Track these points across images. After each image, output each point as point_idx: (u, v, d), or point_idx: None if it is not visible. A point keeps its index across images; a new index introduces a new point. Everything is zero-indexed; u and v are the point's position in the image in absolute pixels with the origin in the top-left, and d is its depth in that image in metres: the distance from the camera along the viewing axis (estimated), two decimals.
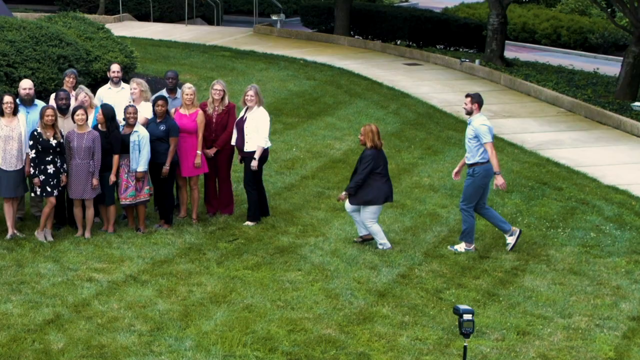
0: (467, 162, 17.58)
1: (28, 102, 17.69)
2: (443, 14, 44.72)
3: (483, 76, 32.87)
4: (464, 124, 24.35)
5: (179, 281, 15.82)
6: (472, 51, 38.21)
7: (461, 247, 17.58)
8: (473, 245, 17.50)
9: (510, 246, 17.46)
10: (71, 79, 18.61)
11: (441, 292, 15.74)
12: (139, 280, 15.80)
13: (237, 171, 19.70)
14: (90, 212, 17.36)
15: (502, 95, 30.80)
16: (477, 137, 17.24)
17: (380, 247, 17.20)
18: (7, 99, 16.99)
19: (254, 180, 18.38)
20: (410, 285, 15.99)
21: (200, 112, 18.06)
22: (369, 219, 17.11)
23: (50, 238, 17.20)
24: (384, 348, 13.58)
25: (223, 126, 18.44)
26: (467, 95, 17.74)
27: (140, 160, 17.29)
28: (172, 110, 18.17)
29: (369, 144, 17.01)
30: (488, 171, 17.25)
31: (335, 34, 40.19)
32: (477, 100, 17.45)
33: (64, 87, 18.47)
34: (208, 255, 16.80)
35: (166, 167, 17.60)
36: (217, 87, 18.31)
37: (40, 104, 17.70)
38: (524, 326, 14.47)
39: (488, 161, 17.20)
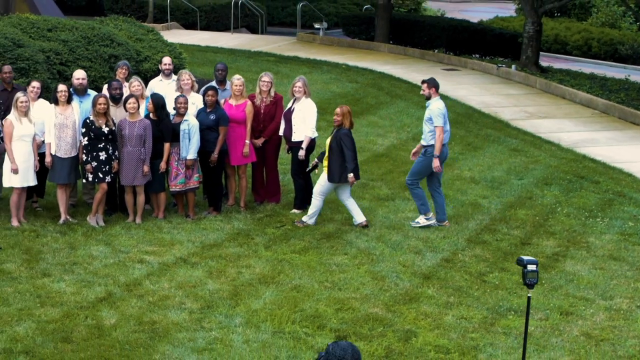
0: (422, 143, 17.36)
1: (81, 92, 17.52)
2: (479, 24, 44.34)
3: (519, 81, 32.62)
4: (502, 124, 24.30)
5: (228, 263, 15.56)
6: (506, 60, 37.67)
7: (421, 219, 17.55)
8: (432, 214, 17.51)
9: (414, 223, 17.59)
10: (123, 70, 18.40)
11: (484, 275, 15.47)
12: (189, 262, 15.53)
13: (283, 163, 19.22)
14: (141, 198, 17.08)
15: (537, 98, 30.57)
16: (431, 119, 16.98)
17: (357, 222, 17.37)
18: (62, 87, 16.81)
19: (300, 169, 18.07)
20: (454, 268, 15.71)
21: (249, 102, 17.75)
22: (346, 195, 17.31)
23: (102, 223, 16.90)
24: (430, 326, 13.28)
25: (271, 117, 18.18)
26: (423, 82, 17.62)
27: (190, 148, 16.97)
28: (222, 101, 17.89)
29: (347, 124, 17.02)
30: (441, 154, 17.09)
31: (375, 42, 39.70)
32: (433, 84, 17.34)
33: (117, 77, 17.98)
34: (256, 240, 16.47)
35: (214, 155, 17.31)
36: (265, 79, 18.05)
37: (92, 93, 17.54)
38: (567, 307, 14.18)
39: (442, 145, 16.99)
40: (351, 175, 16.97)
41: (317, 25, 44.36)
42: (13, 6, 24.94)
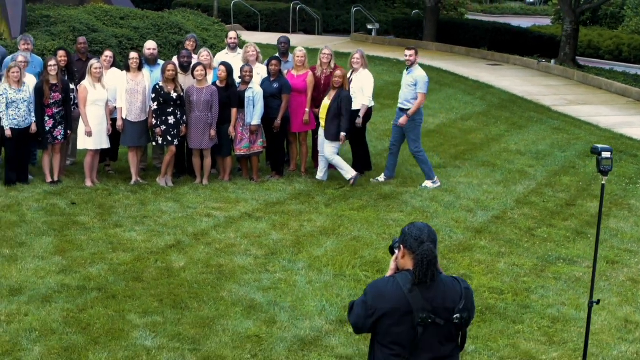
0: (402, 107, 16.95)
1: (152, 62, 17.13)
2: (520, 27, 43.91)
3: (558, 74, 32.41)
4: (544, 108, 23.82)
5: (290, 218, 15.17)
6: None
7: (429, 184, 17.23)
8: (437, 178, 17.28)
9: (422, 187, 17.33)
10: (192, 42, 18.17)
11: (533, 230, 15.06)
12: (253, 216, 15.20)
13: None
14: (207, 161, 16.64)
15: (575, 88, 30.21)
16: (416, 84, 16.72)
17: (348, 177, 16.98)
18: (133, 54, 16.52)
19: (358, 136, 17.70)
20: (505, 224, 15.29)
21: (310, 73, 17.36)
22: (333, 153, 16.79)
23: (170, 184, 16.47)
24: (484, 271, 12.93)
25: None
26: (409, 49, 17.34)
27: (254, 114, 16.55)
28: (285, 72, 17.36)
29: (346, 87, 16.84)
30: (420, 114, 17.08)
31: (424, 41, 39.34)
32: (417, 53, 17.08)
33: (186, 49, 17.58)
34: (317, 199, 16.08)
35: (277, 122, 16.89)
36: (326, 51, 17.64)
37: (162, 63, 16.78)
38: (613, 257, 13.82)
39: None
40: (343, 134, 16.66)
41: (369, 26, 44.33)
42: None
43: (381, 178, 17.18)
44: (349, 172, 16.97)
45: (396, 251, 6.05)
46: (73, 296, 11.74)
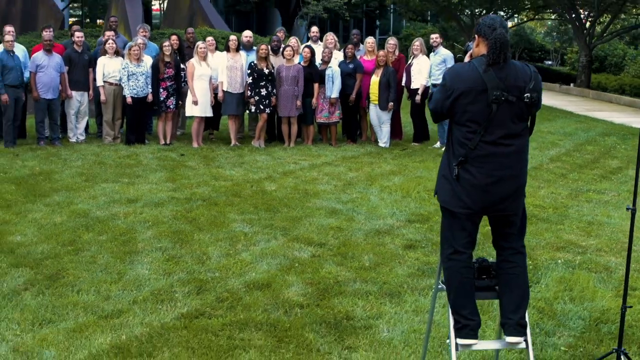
0: (434, 83, 16.24)
1: (248, 47, 16.89)
2: (543, 65, 43.27)
3: (576, 94, 32.23)
4: (567, 112, 23.07)
5: (363, 165, 14.82)
6: None
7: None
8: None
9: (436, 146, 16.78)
10: (281, 33, 17.77)
11: (566, 175, 14.57)
12: (332, 164, 14.84)
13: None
14: (294, 127, 16.25)
15: (591, 102, 29.67)
16: (445, 61, 16.34)
17: (381, 144, 16.76)
18: (233, 37, 16.40)
19: (418, 111, 16.80)
20: (542, 171, 14.88)
21: (377, 58, 16.53)
22: (386, 121, 16.50)
23: (262, 145, 16.19)
24: (528, 195, 12.15)
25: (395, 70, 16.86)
26: (434, 34, 17.15)
27: (333, 89, 16.16)
28: (358, 57, 16.68)
29: (390, 63, 16.42)
30: None
31: None
32: (442, 36, 16.62)
33: (277, 35, 17.30)
34: (385, 155, 15.74)
35: (352, 96, 16.25)
36: (391, 42, 17.30)
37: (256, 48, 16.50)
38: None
39: None
40: (391, 103, 16.21)
41: None
42: (196, 22, 24.35)
43: (437, 145, 16.42)
44: (382, 140, 16.65)
45: (470, 49, 5.47)
46: (181, 203, 11.42)
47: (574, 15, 32.03)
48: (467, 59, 5.60)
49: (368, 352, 6.49)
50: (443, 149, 15.42)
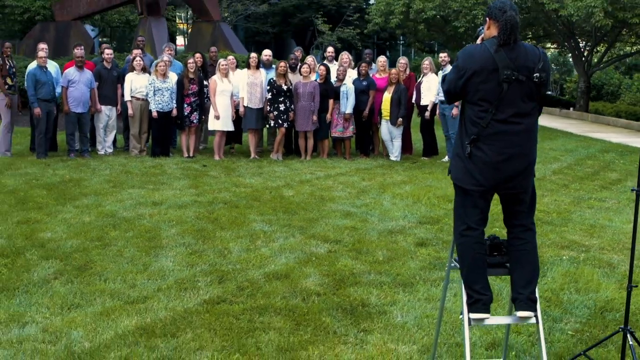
0: (442, 99, 15.85)
1: (267, 65, 16.96)
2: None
3: (575, 117, 32.03)
4: (567, 132, 22.78)
5: (375, 175, 14.73)
6: None
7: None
8: None
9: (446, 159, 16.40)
10: (299, 52, 17.76)
11: (568, 185, 14.30)
12: (346, 174, 14.78)
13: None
14: (310, 141, 16.23)
15: (589, 124, 29.51)
16: None
17: (392, 158, 16.48)
18: (253, 54, 16.51)
19: (427, 127, 16.73)
20: (545, 182, 14.62)
21: (390, 76, 16.50)
22: (397, 136, 16.27)
23: (280, 158, 16.12)
24: None
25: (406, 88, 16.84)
26: (443, 52, 17.08)
27: (347, 105, 16.02)
28: (370, 75, 16.64)
29: (402, 81, 16.29)
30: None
31: None
32: (450, 56, 16.52)
33: (294, 53, 17.30)
34: (396, 167, 15.69)
35: (365, 112, 16.19)
36: (402, 61, 17.27)
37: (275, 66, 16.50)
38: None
39: None
40: (400, 119, 16.02)
41: None
42: (218, 48, 24.33)
43: (446, 159, 16.32)
44: (394, 154, 16.46)
45: (481, 34, 5.39)
46: (204, 205, 11.37)
47: (573, 44, 31.95)
48: (478, 42, 5.52)
49: (383, 334, 6.39)
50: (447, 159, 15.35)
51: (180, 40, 50.98)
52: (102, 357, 5.87)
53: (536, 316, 5.20)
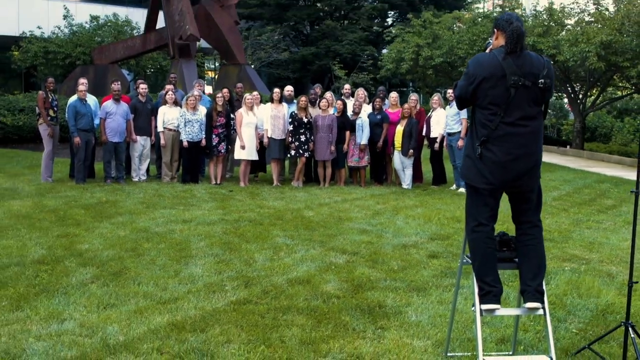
0: (450, 132, 16.03)
1: (289, 100, 16.97)
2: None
3: (572, 154, 31.54)
4: (565, 166, 22.57)
5: (388, 200, 14.61)
6: None
7: (462, 189, 15.85)
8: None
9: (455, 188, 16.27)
10: (318, 89, 17.79)
11: (567, 210, 14.03)
12: (362, 199, 14.68)
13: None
14: (328, 170, 16.25)
15: (585, 160, 29.19)
16: (459, 113, 15.74)
17: (404, 185, 16.31)
18: (276, 90, 16.52)
19: (437, 157, 16.64)
20: (545, 207, 14.34)
21: (403, 110, 16.46)
22: (408, 166, 16.13)
23: (301, 185, 16.11)
24: None
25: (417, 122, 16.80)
26: (451, 89, 16.65)
27: (362, 136, 15.98)
28: (384, 110, 16.61)
29: (414, 115, 16.34)
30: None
31: None
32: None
33: (314, 89, 17.31)
34: (408, 194, 15.62)
35: (379, 144, 16.16)
36: (413, 97, 17.24)
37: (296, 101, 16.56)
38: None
39: None
40: (411, 150, 15.96)
41: None
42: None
43: (454, 187, 16.22)
44: (406, 182, 16.34)
45: (489, 46, 5.36)
46: (230, 223, 11.31)
47: (569, 88, 31.92)
48: (487, 52, 5.49)
49: (399, 330, 6.30)
50: (459, 190, 15.24)
51: (208, 89, 51.29)
52: (135, 348, 5.78)
53: (544, 307, 5.11)
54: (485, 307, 5.10)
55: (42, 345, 5.81)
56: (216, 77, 39.64)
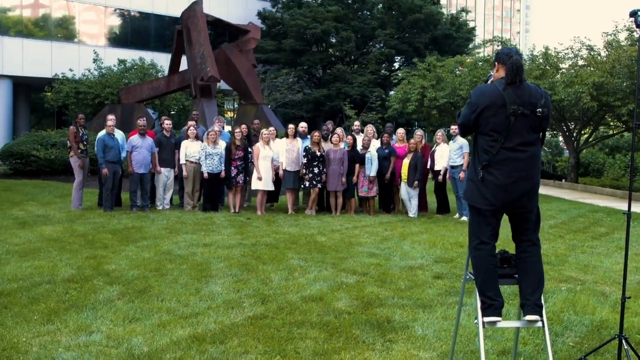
0: (452, 165, 16.02)
1: (303, 135, 17.10)
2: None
3: (567, 187, 31.38)
4: (560, 198, 22.40)
5: (396, 227, 14.55)
6: None
7: (464, 218, 15.76)
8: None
9: (458, 216, 16.19)
10: (330, 125, 17.73)
11: (563, 236, 13.87)
12: (371, 226, 14.61)
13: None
14: (339, 200, 16.25)
15: (580, 192, 29.00)
16: (461, 147, 15.80)
17: (410, 215, 16.16)
18: (291, 126, 16.56)
19: (440, 188, 16.63)
20: (542, 234, 14.19)
21: (409, 145, 16.50)
22: (414, 196, 16.05)
23: (314, 214, 16.09)
24: None
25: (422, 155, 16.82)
26: (455, 124, 16.61)
27: (371, 169, 15.98)
28: (391, 144, 16.68)
29: (419, 149, 16.35)
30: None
31: None
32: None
33: (326, 125, 17.39)
34: (414, 221, 15.57)
35: (387, 176, 16.19)
36: (419, 132, 17.22)
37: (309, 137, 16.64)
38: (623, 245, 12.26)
39: None
40: (416, 182, 15.94)
41: None
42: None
43: (457, 216, 16.17)
44: (412, 211, 16.25)
45: (491, 78, 5.41)
46: (248, 247, 11.29)
47: (564, 127, 31.94)
48: (489, 83, 5.52)
49: (406, 343, 6.26)
50: (462, 218, 15.19)
51: (227, 128, 51.59)
52: (158, 358, 5.77)
53: (542, 320, 5.07)
54: (487, 319, 5.07)
55: (71, 355, 5.80)
56: (234, 116, 39.92)
